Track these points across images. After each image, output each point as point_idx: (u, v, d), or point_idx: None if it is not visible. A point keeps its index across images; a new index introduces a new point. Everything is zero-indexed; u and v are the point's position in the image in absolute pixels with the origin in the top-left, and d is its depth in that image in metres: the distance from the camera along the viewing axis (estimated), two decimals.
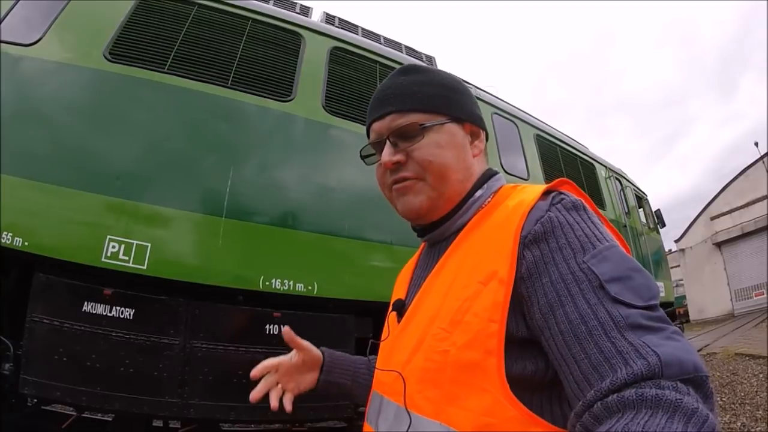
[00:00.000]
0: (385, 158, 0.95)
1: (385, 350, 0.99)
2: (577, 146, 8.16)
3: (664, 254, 11.22)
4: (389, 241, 4.27)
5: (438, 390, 0.77)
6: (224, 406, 3.25)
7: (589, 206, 0.83)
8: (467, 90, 1.07)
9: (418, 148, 0.93)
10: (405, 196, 0.96)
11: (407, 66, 1.05)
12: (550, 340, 0.70)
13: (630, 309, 0.65)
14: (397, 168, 0.95)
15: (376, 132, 0.99)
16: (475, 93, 6.06)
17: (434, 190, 0.94)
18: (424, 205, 0.95)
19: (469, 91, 1.07)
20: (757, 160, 25.51)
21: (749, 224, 24.95)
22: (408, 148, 0.94)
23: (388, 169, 0.96)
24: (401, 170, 0.95)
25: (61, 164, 3.19)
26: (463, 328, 0.76)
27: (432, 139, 0.94)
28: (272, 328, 3.51)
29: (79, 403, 2.99)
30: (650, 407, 0.54)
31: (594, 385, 0.62)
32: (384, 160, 0.95)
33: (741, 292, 25.31)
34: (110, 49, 3.61)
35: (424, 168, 0.93)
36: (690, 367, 0.58)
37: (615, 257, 0.72)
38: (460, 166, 0.96)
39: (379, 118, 0.98)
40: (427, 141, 0.93)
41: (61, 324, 2.94)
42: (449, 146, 0.95)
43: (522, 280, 0.75)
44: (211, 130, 3.83)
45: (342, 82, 4.71)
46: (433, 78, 1.01)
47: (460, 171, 0.96)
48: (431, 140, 0.93)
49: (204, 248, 3.50)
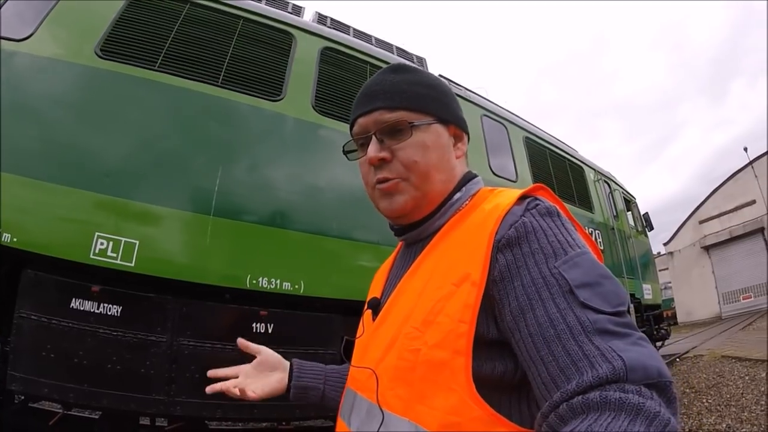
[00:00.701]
0: (370, 154, 0.94)
1: (359, 348, 1.00)
2: (567, 149, 8.21)
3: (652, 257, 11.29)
4: (376, 241, 4.28)
5: (408, 388, 0.78)
6: (211, 404, 3.25)
7: (563, 213, 0.85)
8: (452, 93, 1.08)
9: (404, 148, 0.93)
10: (389, 197, 0.96)
11: (397, 64, 1.04)
12: (520, 342, 0.72)
13: (598, 314, 0.67)
14: (381, 165, 0.95)
15: (361, 127, 0.98)
16: (465, 95, 6.09)
17: (418, 191, 0.94)
18: (408, 205, 0.95)
19: (453, 94, 1.08)
20: (747, 164, 25.67)
21: (738, 228, 25.14)
22: (394, 146, 0.94)
23: (372, 165, 0.96)
24: (385, 169, 0.95)
25: (51, 161, 3.17)
26: (434, 328, 0.77)
27: (419, 139, 0.94)
28: (259, 327, 3.51)
29: (67, 399, 2.98)
30: (613, 409, 0.55)
31: (560, 387, 0.63)
32: (369, 155, 0.94)
33: (729, 295, 25.47)
34: (102, 45, 3.59)
35: (409, 168, 0.93)
36: (654, 372, 0.60)
37: (586, 264, 0.73)
38: (443, 168, 0.97)
39: (365, 113, 0.97)
40: (414, 140, 0.93)
41: (49, 320, 2.94)
42: (435, 147, 0.96)
43: (494, 282, 0.77)
44: (200, 128, 3.82)
45: (332, 82, 4.71)
46: (421, 78, 1.01)
47: (444, 172, 0.97)
48: (418, 139, 0.94)
49: (192, 246, 3.50)
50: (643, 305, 9.02)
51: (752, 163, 25.24)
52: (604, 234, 8.08)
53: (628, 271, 8.40)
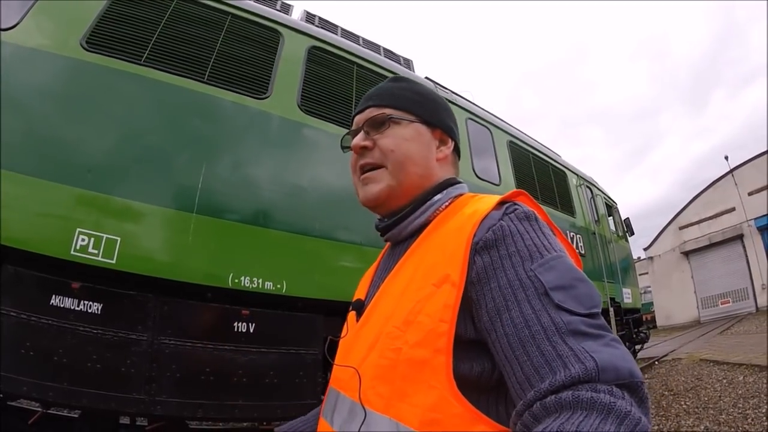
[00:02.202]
0: (355, 142, 1.06)
1: (343, 348, 1.01)
2: (550, 154, 8.29)
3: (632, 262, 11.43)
4: (359, 242, 4.28)
5: (390, 386, 0.79)
6: (192, 403, 3.22)
7: (541, 217, 0.87)
8: (446, 104, 1.17)
9: (384, 137, 1.03)
10: (367, 185, 1.04)
11: (397, 76, 1.19)
12: (496, 342, 0.73)
13: (572, 316, 0.68)
14: (363, 153, 1.05)
15: (355, 122, 1.10)
16: (450, 98, 6.11)
17: (394, 179, 1.02)
18: (383, 192, 1.02)
19: (447, 106, 1.18)
20: (727, 173, 26.11)
21: (717, 235, 25.61)
22: (375, 137, 1.04)
23: (357, 153, 1.06)
24: (367, 155, 1.05)
25: (32, 154, 3.10)
26: (415, 328, 0.79)
27: (398, 132, 1.04)
28: (241, 326, 3.48)
29: (46, 398, 2.90)
30: (585, 408, 0.57)
31: (534, 386, 0.65)
32: (353, 143, 1.06)
33: (707, 300, 25.93)
34: (87, 38, 3.53)
35: (386, 155, 1.02)
36: (625, 373, 0.62)
37: (561, 267, 0.76)
38: (420, 162, 1.04)
39: (360, 112, 1.10)
40: (393, 132, 1.04)
41: (29, 317, 2.87)
42: (413, 141, 1.04)
43: (472, 284, 0.79)
44: (185, 125, 3.78)
45: (318, 81, 4.70)
46: (415, 87, 1.13)
47: (420, 166, 1.04)
48: (397, 132, 1.04)
49: (174, 244, 3.46)
50: (622, 309, 9.13)
51: (733, 171, 25.67)
52: (585, 238, 8.17)
53: (608, 275, 8.50)
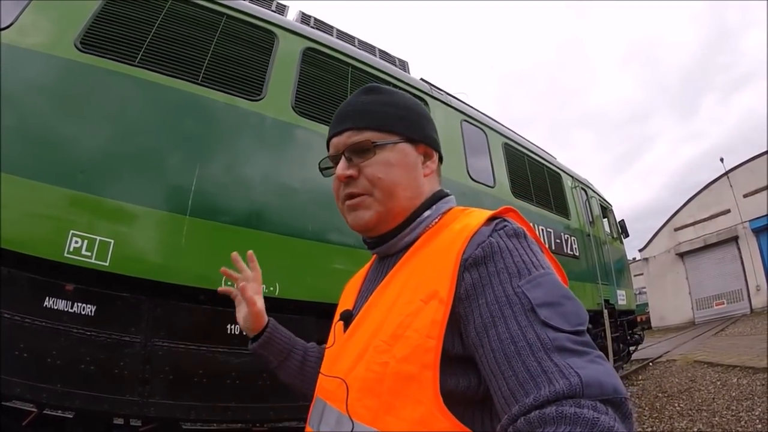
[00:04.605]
0: (339, 171, 1.01)
1: (329, 357, 1.02)
2: (545, 156, 8.30)
3: (627, 263, 11.46)
4: (351, 245, 4.27)
5: (377, 399, 0.80)
6: (185, 405, 3.22)
7: (530, 234, 0.88)
8: (426, 113, 1.14)
9: (369, 165, 0.99)
10: (355, 211, 1.02)
11: (370, 86, 1.11)
12: (483, 357, 0.74)
13: (557, 332, 0.69)
14: (348, 182, 1.01)
15: (334, 147, 1.06)
16: (445, 99, 6.11)
17: (382, 206, 1.00)
18: (372, 219, 1.00)
19: (427, 114, 1.14)
20: (722, 175, 26.22)
21: (712, 236, 25.72)
22: (360, 164, 1.00)
23: (341, 182, 1.02)
24: (352, 185, 1.01)
25: (25, 155, 3.08)
26: (403, 342, 0.80)
27: (383, 157, 1.00)
28: (234, 328, 3.48)
29: (39, 400, 2.90)
30: (569, 424, 0.57)
31: (519, 401, 0.65)
32: (338, 173, 1.02)
33: (702, 301, 26.03)
34: (81, 38, 3.52)
35: (373, 184, 0.99)
36: (610, 389, 0.62)
37: (548, 284, 0.76)
38: (409, 184, 1.02)
39: (337, 134, 1.05)
40: (378, 158, 1.00)
41: (23, 319, 2.86)
42: (399, 165, 1.01)
43: (460, 300, 0.80)
44: (179, 127, 3.77)
45: (313, 83, 4.70)
46: (392, 99, 1.08)
47: (409, 189, 1.02)
48: (382, 158, 1.00)
49: (167, 246, 3.44)
50: (617, 310, 9.16)
51: (728, 173, 25.78)
52: (580, 240, 8.18)
53: (602, 277, 8.52)
